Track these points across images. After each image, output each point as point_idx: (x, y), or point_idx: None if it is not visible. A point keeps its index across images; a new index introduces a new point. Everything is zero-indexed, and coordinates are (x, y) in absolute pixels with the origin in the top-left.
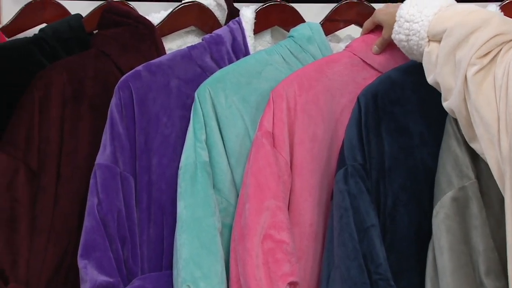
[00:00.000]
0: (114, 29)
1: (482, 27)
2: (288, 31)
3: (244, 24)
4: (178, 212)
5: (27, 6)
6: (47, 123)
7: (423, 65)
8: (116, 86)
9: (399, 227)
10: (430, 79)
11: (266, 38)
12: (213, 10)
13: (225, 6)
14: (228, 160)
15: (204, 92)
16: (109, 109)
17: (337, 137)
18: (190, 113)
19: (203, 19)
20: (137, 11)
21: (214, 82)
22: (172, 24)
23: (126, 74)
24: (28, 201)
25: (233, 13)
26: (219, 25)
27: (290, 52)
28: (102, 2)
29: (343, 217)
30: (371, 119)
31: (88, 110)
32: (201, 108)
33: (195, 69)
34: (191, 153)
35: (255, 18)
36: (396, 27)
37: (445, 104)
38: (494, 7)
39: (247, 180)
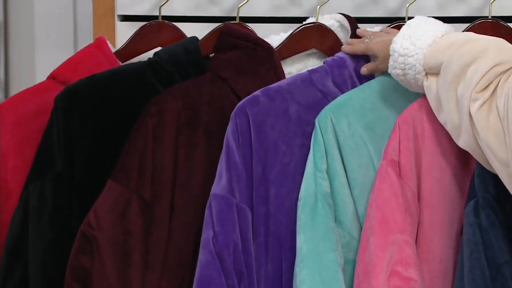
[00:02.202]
0: (231, 52)
1: (478, 59)
2: None
3: None
4: (297, 246)
5: (141, 29)
6: (161, 151)
7: (428, 100)
8: (233, 112)
9: None
10: (441, 118)
11: None
12: (335, 32)
13: (349, 27)
14: (350, 191)
15: (326, 119)
16: (225, 136)
17: (469, 166)
18: (310, 141)
19: (325, 41)
20: (255, 33)
21: (336, 108)
22: (292, 46)
23: (243, 100)
24: (141, 233)
25: (357, 35)
26: None
27: None
28: (219, 24)
29: (474, 252)
30: None
31: (203, 137)
32: (322, 136)
33: (316, 94)
34: (311, 183)
35: None
36: (391, 61)
37: (459, 144)
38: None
39: (371, 212)
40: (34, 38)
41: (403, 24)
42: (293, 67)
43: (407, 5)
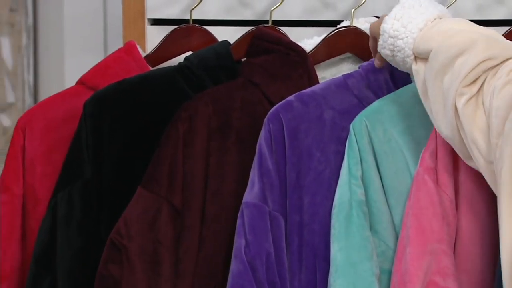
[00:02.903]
0: (264, 57)
1: (467, 50)
2: None
3: None
4: (331, 255)
5: (172, 33)
6: (191, 157)
7: (416, 84)
8: (266, 118)
9: None
10: (426, 104)
11: None
12: None
13: None
14: (386, 199)
15: (360, 125)
16: (258, 142)
17: None
18: (345, 147)
19: (360, 45)
20: (288, 37)
21: (371, 114)
22: (326, 51)
23: (276, 105)
24: (171, 242)
25: None
26: None
27: None
28: (251, 27)
29: None
30: None
31: (235, 143)
32: (357, 142)
33: (351, 100)
34: (346, 191)
35: None
36: (380, 41)
37: (442, 134)
38: None
39: (407, 221)
40: (63, 42)
41: None
42: (327, 72)
43: (445, 7)
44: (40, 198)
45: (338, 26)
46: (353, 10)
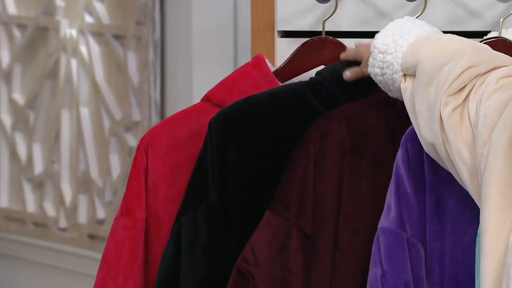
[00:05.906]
0: None
1: (453, 60)
2: None
3: None
4: (476, 286)
5: (303, 45)
6: (323, 180)
7: (404, 103)
8: (403, 137)
9: None
10: (413, 122)
11: None
12: None
13: None
14: None
15: None
16: (395, 163)
17: None
18: None
19: None
20: None
21: None
22: None
23: None
24: (302, 270)
25: None
26: None
27: None
28: None
29: None
30: None
31: (370, 165)
32: None
33: None
34: None
35: None
36: (371, 59)
37: (426, 151)
38: None
39: None
40: (192, 57)
41: None
42: None
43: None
44: (163, 222)
45: (485, 37)
46: (501, 19)
